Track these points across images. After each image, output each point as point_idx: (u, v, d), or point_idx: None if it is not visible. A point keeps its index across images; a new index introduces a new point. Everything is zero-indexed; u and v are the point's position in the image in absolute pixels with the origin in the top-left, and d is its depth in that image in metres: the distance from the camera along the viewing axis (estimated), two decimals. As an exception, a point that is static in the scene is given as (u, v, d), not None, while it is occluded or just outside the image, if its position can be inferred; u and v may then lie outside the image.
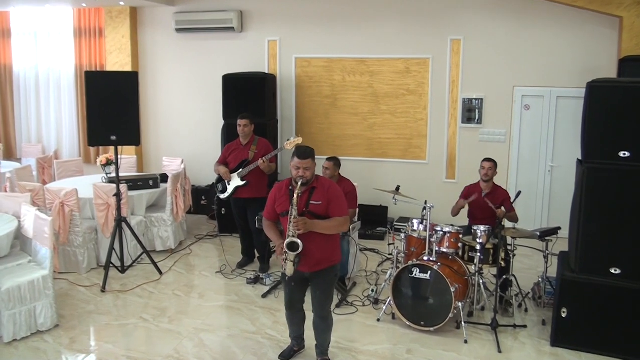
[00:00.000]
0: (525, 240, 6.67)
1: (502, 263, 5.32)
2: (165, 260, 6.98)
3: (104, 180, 7.28)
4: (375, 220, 8.07)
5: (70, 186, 6.54)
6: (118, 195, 6.25)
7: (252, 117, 6.59)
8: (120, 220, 6.30)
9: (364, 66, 8.36)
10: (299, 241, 3.98)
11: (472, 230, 5.38)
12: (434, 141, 8.24)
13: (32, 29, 9.87)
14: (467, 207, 6.08)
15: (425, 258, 5.15)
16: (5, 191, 7.19)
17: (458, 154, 8.13)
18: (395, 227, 8.03)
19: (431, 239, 5.18)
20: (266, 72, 8.65)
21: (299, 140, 6.17)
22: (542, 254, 5.57)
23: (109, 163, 7.53)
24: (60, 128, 9.99)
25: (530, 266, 6.82)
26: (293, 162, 4.13)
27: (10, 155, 10.18)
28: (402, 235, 5.51)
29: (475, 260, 5.16)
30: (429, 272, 4.95)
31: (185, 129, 9.30)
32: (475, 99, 7.95)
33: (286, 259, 4.03)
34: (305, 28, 8.51)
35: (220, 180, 6.65)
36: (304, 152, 4.12)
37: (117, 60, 9.20)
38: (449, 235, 5.23)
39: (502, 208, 5.70)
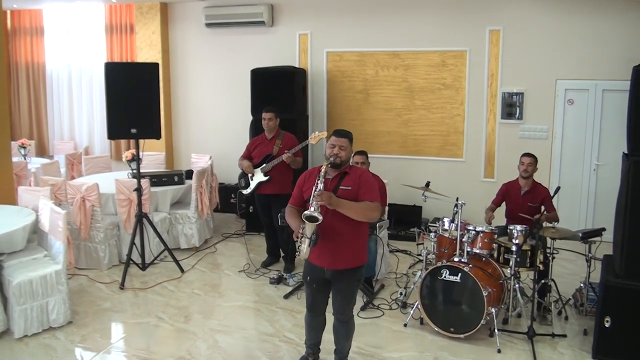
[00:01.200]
0: (567, 243, 6.21)
1: (541, 266, 4.89)
2: (188, 258, 6.78)
3: (130, 176, 7.13)
4: (408, 221, 7.68)
5: (92, 181, 6.42)
6: (139, 190, 6.07)
7: (277, 111, 6.33)
8: (140, 216, 6.11)
9: (397, 60, 8.01)
10: (319, 215, 3.60)
11: (508, 230, 4.97)
12: (472, 138, 7.82)
13: (65, 26, 9.87)
14: (503, 206, 5.67)
15: (456, 259, 4.77)
16: (30, 185, 7.14)
17: (497, 152, 7.69)
18: (429, 228, 7.67)
19: (462, 239, 4.80)
20: (297, 66, 8.38)
21: (324, 135, 5.87)
22: (584, 257, 5.11)
23: (134, 159, 7.36)
24: (92, 125, 9.96)
25: (572, 270, 6.35)
26: (329, 141, 3.87)
27: (43, 152, 10.20)
28: (432, 235, 5.13)
29: (511, 263, 4.75)
30: (460, 274, 4.57)
31: (214, 125, 9.11)
32: (515, 93, 7.50)
33: (302, 235, 3.71)
34: (337, 21, 8.22)
35: (243, 175, 6.40)
36: (342, 132, 3.90)
37: (147, 57, 9.09)
38: (482, 235, 4.84)
39: (543, 208, 5.27)
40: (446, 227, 5.09)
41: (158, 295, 5.70)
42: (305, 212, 3.61)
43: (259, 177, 6.21)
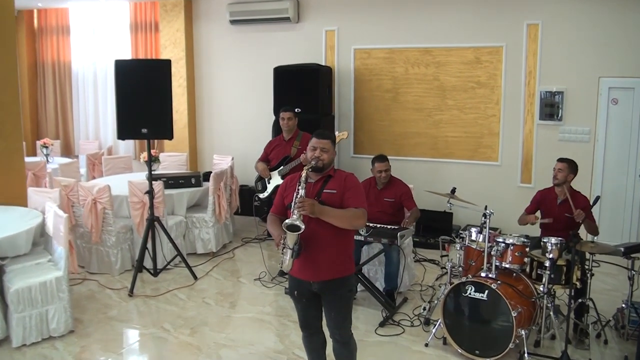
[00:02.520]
0: (608, 258, 5.65)
1: (578, 283, 4.39)
2: (204, 264, 6.50)
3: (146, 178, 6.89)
4: (438, 228, 7.19)
5: (104, 182, 6.20)
6: (150, 192, 5.80)
7: (295, 110, 5.99)
8: (152, 220, 5.84)
9: (429, 57, 7.56)
10: (301, 224, 3.27)
11: (542, 243, 4.49)
12: (508, 140, 7.31)
13: (90, 25, 9.75)
14: (538, 214, 5.19)
15: (483, 274, 4.32)
16: (45, 186, 6.97)
17: (535, 155, 7.16)
18: (460, 236, 7.20)
19: (491, 252, 4.35)
20: (323, 64, 8.03)
21: (344, 135, 5.51)
22: (627, 274, 4.59)
23: (152, 160, 7.13)
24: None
25: (613, 286, 5.80)
26: (310, 143, 3.54)
27: (69, 152, 10.11)
28: (458, 246, 4.68)
29: (544, 279, 4.27)
30: (486, 291, 4.13)
31: (239, 125, 8.81)
32: (555, 92, 6.95)
33: (284, 247, 3.37)
34: (365, 17, 7.82)
35: (260, 178, 6.08)
36: (323, 133, 3.57)
37: (171, 55, 8.87)
38: (512, 248, 4.37)
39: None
40: (474, 237, 4.64)
41: (167, 304, 5.41)
42: (287, 220, 3.27)
43: (276, 180, 5.89)
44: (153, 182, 6.14)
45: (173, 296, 5.60)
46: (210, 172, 7.06)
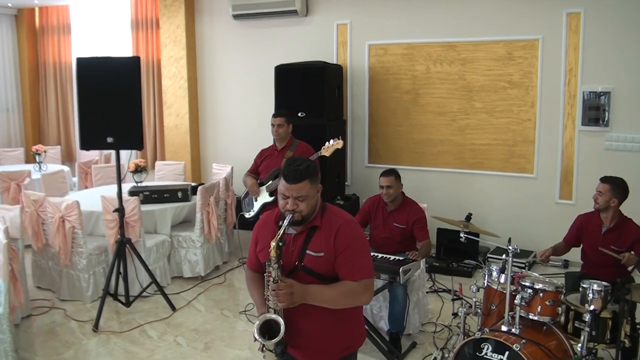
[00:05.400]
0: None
1: (627, 342, 3.37)
2: (189, 291, 5.69)
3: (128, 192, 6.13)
4: (462, 250, 6.18)
5: (72, 197, 5.47)
6: (120, 210, 5.02)
7: (288, 115, 5.16)
8: (122, 242, 5.06)
9: (453, 52, 6.58)
10: (279, 320, 2.46)
11: (581, 288, 3.49)
12: (545, 149, 6.27)
13: (91, 23, 9.12)
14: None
15: (504, 328, 3.35)
16: (19, 202, 6.30)
17: (576, 167, 6.10)
18: (489, 259, 6.21)
19: (514, 299, 3.37)
20: (334, 62, 7.14)
21: (339, 145, 4.64)
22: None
23: (138, 170, 6.39)
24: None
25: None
26: (279, 187, 2.62)
27: (70, 159, 9.51)
28: (474, 288, 3.71)
29: (583, 337, 3.27)
30: (507, 352, 3.17)
31: (244, 132, 7.97)
32: (601, 93, 5.88)
33: (263, 347, 2.53)
34: (381, 8, 6.89)
35: (247, 194, 5.24)
36: (295, 172, 2.52)
37: (171, 54, 8.13)
38: (542, 294, 3.39)
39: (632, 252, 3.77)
40: (494, 276, 3.68)
41: (132, 344, 4.61)
42: (258, 321, 2.45)
43: (264, 197, 5.07)
44: (130, 198, 5.41)
45: (142, 333, 4.80)
46: (202, 184, 6.27)
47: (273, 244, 2.46)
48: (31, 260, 5.82)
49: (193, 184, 6.46)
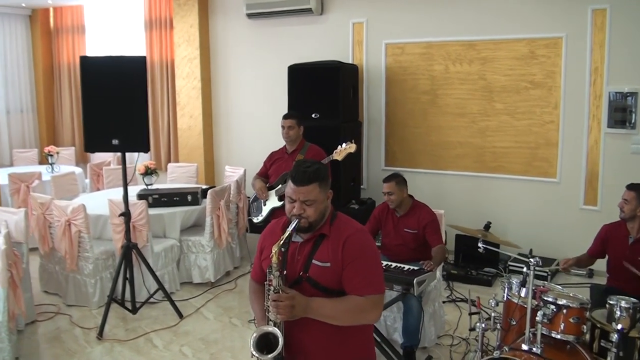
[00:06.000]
0: None
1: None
2: (198, 297, 5.53)
3: (137, 195, 5.99)
4: (482, 258, 5.91)
5: (81, 200, 5.34)
6: (126, 215, 4.87)
7: (300, 117, 4.95)
8: (128, 247, 4.91)
9: (473, 51, 6.34)
10: (277, 333, 2.29)
11: (607, 305, 3.24)
12: (568, 152, 5.99)
13: (105, 23, 9.02)
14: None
15: (525, 347, 3.11)
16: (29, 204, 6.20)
17: (602, 171, 5.81)
18: (510, 267, 5.95)
19: (536, 315, 3.13)
20: (350, 61, 6.93)
21: (352, 149, 4.44)
22: None
23: (148, 172, 6.25)
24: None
25: None
26: (286, 190, 2.48)
27: (84, 160, 9.40)
28: (493, 302, 3.47)
29: (610, 358, 3.01)
30: (527, 373, 2.95)
31: (259, 133, 7.78)
32: (628, 94, 5.58)
33: None
34: (398, 6, 6.67)
35: (256, 198, 5.06)
36: (303, 174, 2.42)
37: (185, 54, 7.99)
38: (566, 311, 3.14)
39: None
40: (515, 290, 3.44)
41: (137, 353, 4.45)
42: (254, 333, 2.30)
43: (272, 201, 4.87)
44: (137, 201, 5.26)
45: (147, 342, 4.64)
46: (213, 187, 6.11)
47: (275, 248, 2.31)
48: (38, 264, 5.72)
49: (204, 186, 6.30)
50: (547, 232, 6.11)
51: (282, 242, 2.34)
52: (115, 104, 4.55)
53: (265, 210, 4.97)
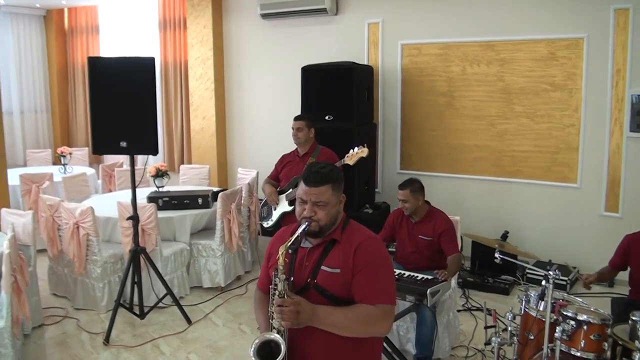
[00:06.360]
0: None
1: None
2: (207, 302, 5.43)
3: (147, 198, 5.90)
4: (498, 266, 5.70)
5: (91, 202, 5.27)
6: (134, 218, 4.78)
7: (311, 119, 4.85)
8: (136, 252, 4.82)
9: (491, 52, 6.17)
10: (280, 341, 2.17)
11: (630, 321, 3.07)
12: (589, 156, 5.80)
13: (119, 24, 8.99)
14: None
15: (543, 363, 2.97)
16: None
17: (623, 176, 5.60)
18: (528, 274, 5.76)
19: (554, 330, 2.97)
20: (365, 62, 6.80)
21: (364, 153, 4.31)
22: None
23: (159, 174, 6.16)
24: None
25: None
26: (297, 191, 2.38)
27: (99, 160, 9.37)
28: (510, 315, 3.31)
29: (636, 378, 2.86)
30: (545, 392, 2.79)
31: (273, 134, 7.66)
32: (653, 96, 5.41)
33: None
34: (415, 6, 6.52)
35: (266, 202, 4.95)
36: (316, 174, 2.33)
37: (198, 55, 7.91)
38: (587, 327, 2.98)
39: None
40: (532, 303, 3.28)
41: (142, 360, 4.37)
42: (256, 340, 2.19)
43: (283, 206, 4.76)
44: (146, 205, 5.17)
45: (154, 348, 4.55)
46: (224, 190, 6.01)
47: (282, 250, 2.21)
48: (48, 267, 5.66)
49: (215, 189, 6.20)
50: (566, 239, 5.92)
51: (289, 243, 2.25)
52: (124, 106, 4.45)
53: (276, 215, 4.86)
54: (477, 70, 6.27)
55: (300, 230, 2.30)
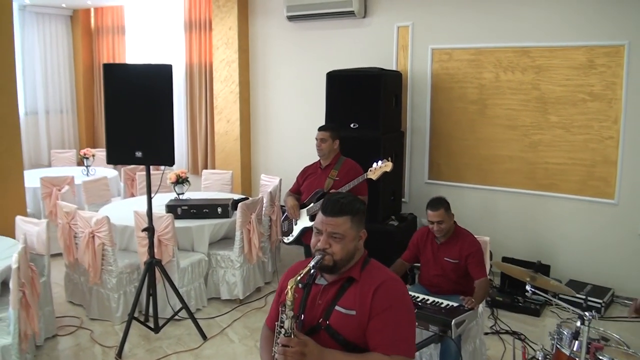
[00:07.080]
0: None
1: None
2: (225, 315, 5.27)
3: (166, 207, 5.76)
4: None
5: (108, 210, 5.15)
6: (149, 230, 4.63)
7: (336, 129, 4.63)
8: (151, 264, 4.67)
9: (526, 59, 5.86)
10: None
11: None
12: (629, 171, 5.46)
13: (145, 24, 8.89)
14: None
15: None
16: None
17: (666, 193, 5.28)
18: (560, 296, 5.46)
19: (591, 373, 2.73)
20: (394, 67, 6.55)
21: (388, 168, 4.09)
22: None
23: (180, 181, 6.02)
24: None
25: None
26: (315, 220, 2.20)
27: (120, 162, 9.32)
28: (540, 355, 3.06)
29: None
30: None
31: (298, 140, 7.47)
32: (703, 109, 5.05)
33: None
34: (446, 9, 6.24)
35: (287, 217, 4.75)
36: (335, 203, 2.16)
37: (223, 57, 7.76)
38: (627, 373, 2.73)
39: None
40: (565, 343, 3.02)
41: (154, 378, 4.23)
42: None
43: (304, 221, 4.55)
44: (164, 215, 5.03)
45: (167, 365, 4.41)
46: (245, 198, 5.83)
47: (291, 284, 2.02)
48: (64, 274, 5.57)
49: (236, 197, 6.04)
50: (601, 258, 5.60)
51: (299, 277, 2.06)
52: (140, 114, 4.30)
53: (297, 230, 4.66)
54: (511, 77, 5.97)
55: (312, 263, 2.11)
